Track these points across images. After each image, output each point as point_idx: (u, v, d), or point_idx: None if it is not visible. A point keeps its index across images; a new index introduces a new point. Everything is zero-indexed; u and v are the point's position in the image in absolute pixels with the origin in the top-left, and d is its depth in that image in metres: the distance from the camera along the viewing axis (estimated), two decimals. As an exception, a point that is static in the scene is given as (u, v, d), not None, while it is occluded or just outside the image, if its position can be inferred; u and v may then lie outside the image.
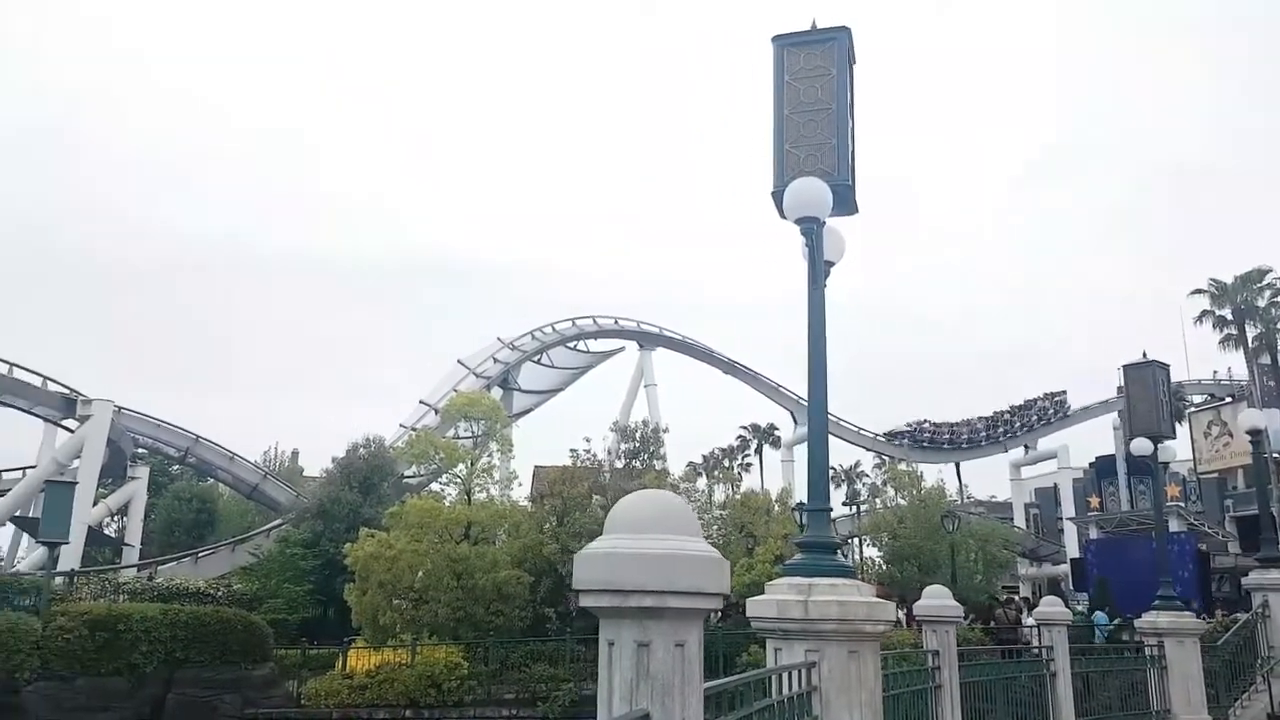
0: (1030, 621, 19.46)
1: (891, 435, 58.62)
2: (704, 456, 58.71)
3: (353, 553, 23.52)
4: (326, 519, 30.21)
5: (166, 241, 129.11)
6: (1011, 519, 52.97)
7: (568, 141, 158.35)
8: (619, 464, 29.37)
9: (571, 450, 28.55)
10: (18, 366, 34.08)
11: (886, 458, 53.67)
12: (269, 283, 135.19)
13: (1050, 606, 13.36)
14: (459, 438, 31.26)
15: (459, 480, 27.71)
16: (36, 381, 34.66)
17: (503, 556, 24.43)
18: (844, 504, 49.18)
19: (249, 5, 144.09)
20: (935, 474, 42.53)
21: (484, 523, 25.41)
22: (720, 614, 22.65)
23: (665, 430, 31.38)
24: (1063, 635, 12.73)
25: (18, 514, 36.88)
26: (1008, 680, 11.69)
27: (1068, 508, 49.77)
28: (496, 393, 41.62)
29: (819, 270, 6.95)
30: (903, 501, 35.20)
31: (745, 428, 65.67)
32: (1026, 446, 58.21)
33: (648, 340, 53.57)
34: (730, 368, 56.04)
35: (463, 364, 43.37)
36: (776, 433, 63.08)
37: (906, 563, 31.69)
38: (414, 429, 37.87)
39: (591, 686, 21.43)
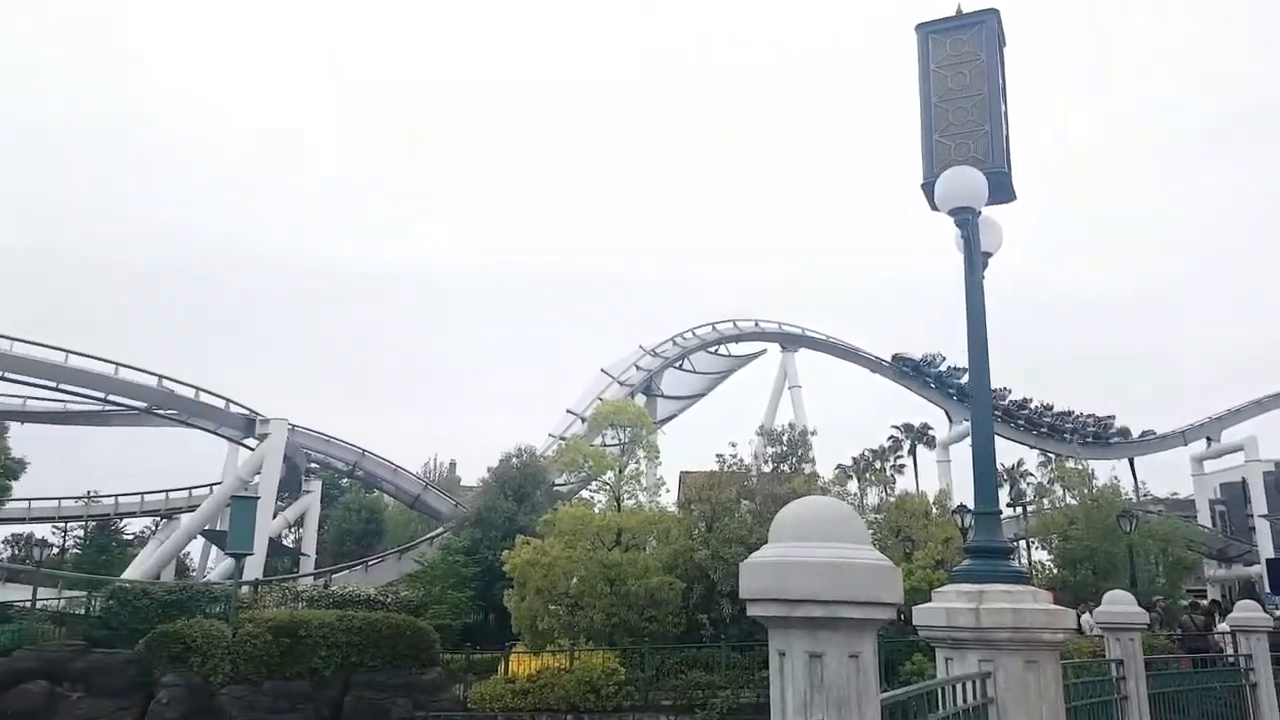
0: (1223, 627, 18.03)
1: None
2: (854, 458, 57.47)
3: (510, 559, 24.17)
4: (484, 527, 31.20)
5: (335, 268, 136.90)
6: (1195, 517, 49.32)
7: (698, 144, 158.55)
8: (766, 468, 29.08)
9: (717, 455, 28.49)
10: (203, 391, 36.85)
11: (1053, 455, 51.02)
12: (424, 303, 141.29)
13: (1247, 611, 12.36)
14: (606, 445, 31.71)
15: (608, 487, 28.09)
16: (220, 404, 37.34)
17: (654, 563, 24.56)
18: (1008, 504, 47.06)
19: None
20: (1107, 471, 40.06)
21: (634, 529, 25.63)
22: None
23: (813, 433, 30.87)
24: (1263, 642, 11.73)
25: (207, 528, 39.85)
26: (1202, 691, 10.87)
27: (1259, 504, 45.95)
28: (640, 399, 42.04)
29: (976, 263, 6.65)
30: (1073, 501, 33.37)
31: (897, 427, 63.78)
32: (1209, 439, 54.09)
33: (790, 341, 52.92)
34: (877, 366, 54.67)
35: (606, 372, 44.01)
36: (931, 432, 61.03)
37: (1080, 566, 30.01)
38: (562, 438, 38.69)
39: (748, 694, 21.29)
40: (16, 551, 53.65)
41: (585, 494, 30.55)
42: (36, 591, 25.66)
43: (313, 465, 44.61)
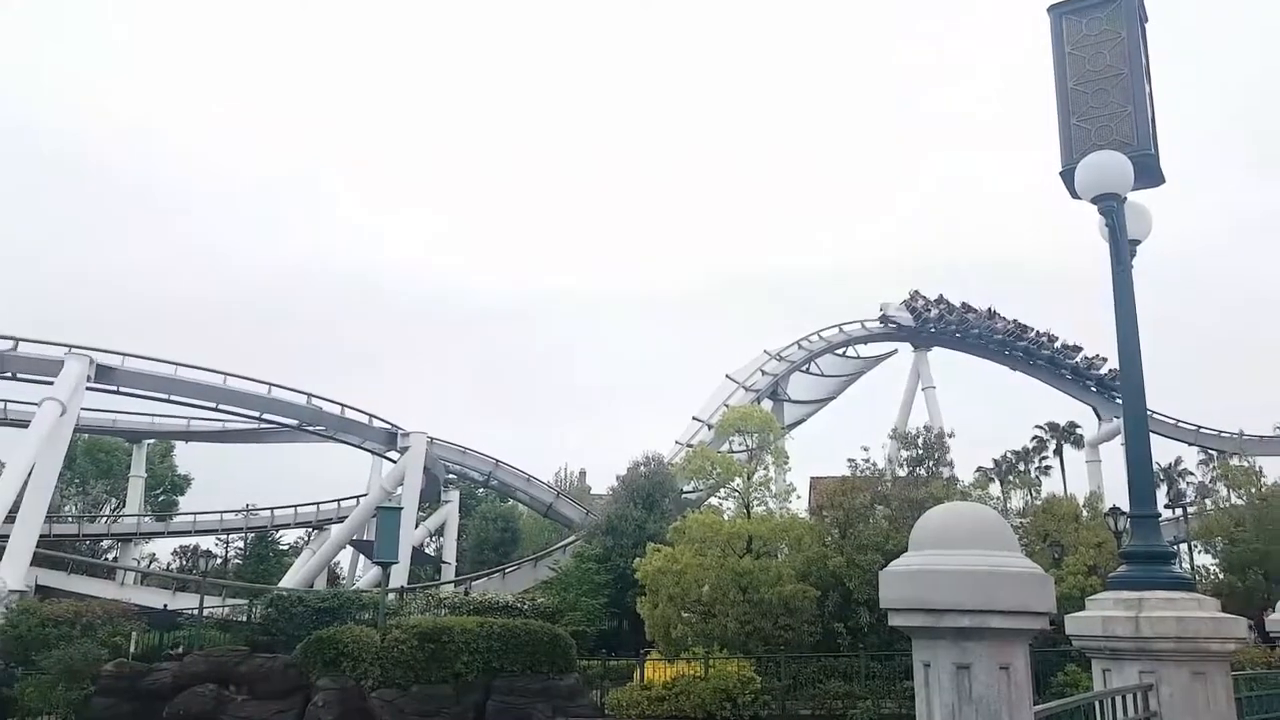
0: None
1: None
2: (995, 460, 55.24)
3: (641, 567, 24.36)
4: (615, 535, 31.55)
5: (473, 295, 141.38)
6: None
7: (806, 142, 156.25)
8: (901, 472, 28.30)
9: (849, 460, 27.91)
10: (348, 407, 38.67)
11: (1215, 452, 47.78)
12: (549, 318, 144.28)
13: None
14: (733, 451, 31.57)
15: (737, 494, 27.95)
16: (364, 419, 39.10)
17: (786, 570, 24.27)
18: (1166, 506, 44.27)
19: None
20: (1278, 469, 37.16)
21: (765, 536, 25.40)
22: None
23: (950, 435, 29.86)
24: None
25: (355, 537, 41.74)
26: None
27: None
28: (767, 405, 41.67)
29: (1123, 250, 6.30)
30: (1239, 501, 31.12)
31: (1041, 427, 60.90)
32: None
33: (921, 340, 51.44)
34: (1017, 362, 52.51)
35: (731, 378, 43.82)
36: (1078, 430, 58.13)
37: (1249, 571, 27.94)
38: (689, 445, 38.74)
39: (889, 704, 20.73)
40: (185, 562, 57.50)
41: (714, 501, 30.48)
42: (204, 599, 27.44)
43: (450, 476, 46.11)
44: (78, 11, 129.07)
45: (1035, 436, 60.97)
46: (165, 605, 27.95)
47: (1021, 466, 56.25)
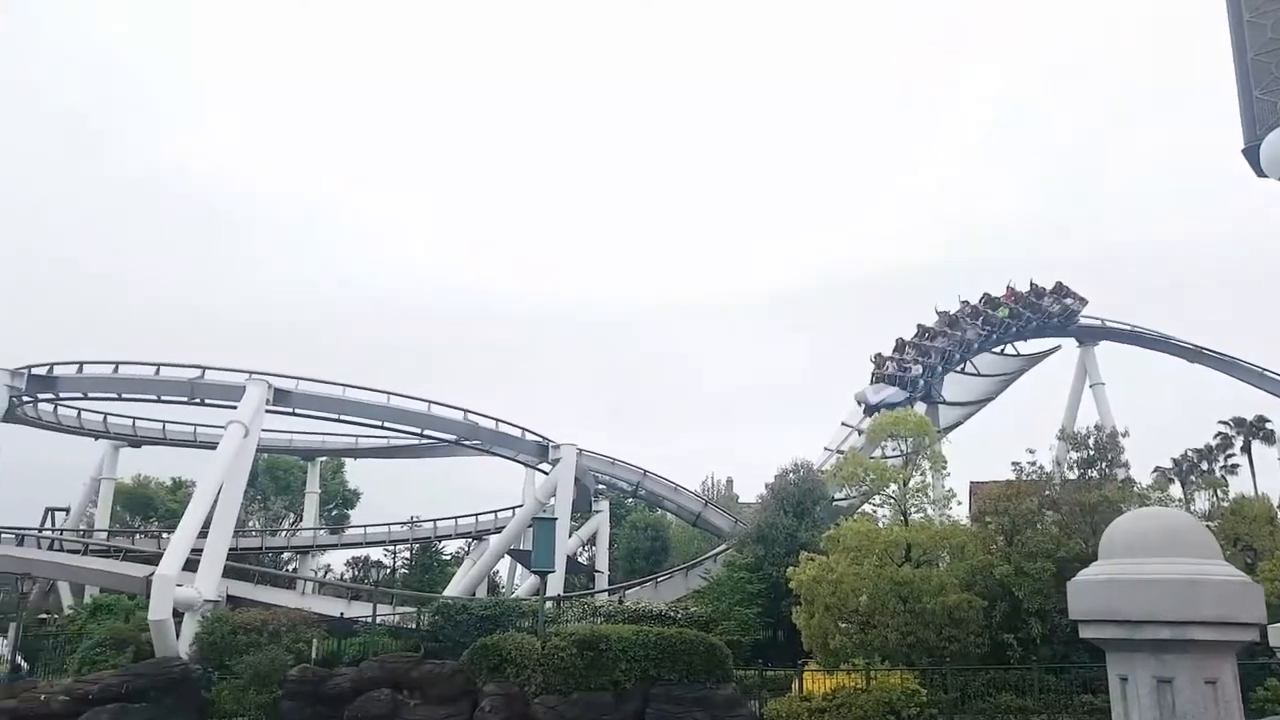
0: None
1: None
2: (1174, 460, 51.74)
3: (795, 576, 24.02)
4: (766, 543, 31.24)
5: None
6: None
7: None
8: (1070, 475, 26.83)
9: (1013, 463, 26.70)
10: (502, 422, 39.93)
11: None
12: (664, 327, 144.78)
13: None
14: (886, 456, 30.72)
15: (892, 500, 27.18)
16: (517, 433, 40.29)
17: (949, 579, 23.42)
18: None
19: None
20: None
21: (924, 544, 24.60)
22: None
23: (1124, 434, 28.11)
24: None
25: (513, 547, 42.99)
26: None
27: None
28: (920, 408, 40.36)
29: (1321, 230, 5.78)
30: None
31: (1225, 423, 56.52)
32: None
33: (1087, 335, 48.66)
34: (1196, 355, 48.92)
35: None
36: (1268, 425, 53.65)
37: None
38: (839, 451, 37.99)
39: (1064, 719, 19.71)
40: (357, 572, 60.72)
41: (867, 508, 29.73)
42: (376, 608, 28.86)
43: (600, 486, 46.82)
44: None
45: (1219, 433, 56.61)
46: (341, 613, 29.46)
47: (1205, 465, 52.38)
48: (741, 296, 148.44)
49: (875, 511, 28.64)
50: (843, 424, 42.16)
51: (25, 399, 35.79)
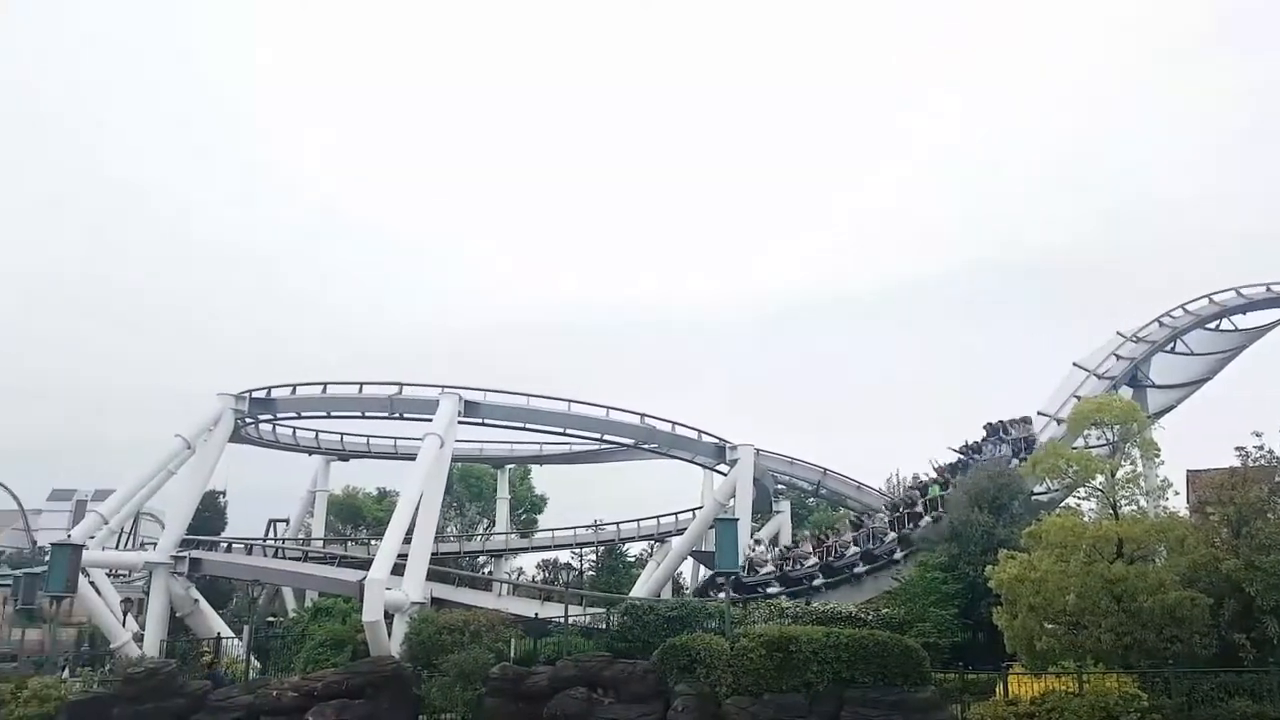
0: None
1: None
2: None
3: (995, 575, 22.89)
4: (960, 541, 29.95)
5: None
6: None
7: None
8: (1309, 458, 24.18)
9: (1237, 449, 24.30)
10: (678, 424, 40.31)
11: None
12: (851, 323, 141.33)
13: None
14: (1089, 447, 28.76)
15: (1099, 493, 25.39)
16: (693, 435, 40.56)
17: (1168, 576, 21.62)
18: None
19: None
20: None
21: (1138, 538, 22.82)
22: None
23: (1372, 411, 25.11)
24: None
25: (695, 549, 43.25)
26: None
27: None
28: (1125, 393, 37.59)
29: None
30: None
31: None
32: None
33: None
34: None
35: (1079, 366, 40.02)
36: None
37: None
38: (1036, 442, 35.86)
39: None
40: (547, 574, 62.83)
41: (1070, 502, 27.93)
42: (567, 608, 29.71)
43: (780, 486, 46.42)
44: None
45: None
46: (535, 614, 30.53)
47: None
48: (883, 290, 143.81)
49: (1080, 505, 26.85)
50: (1038, 413, 39.84)
51: (248, 420, 39.25)
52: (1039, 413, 39.35)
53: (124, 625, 35.28)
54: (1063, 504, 28.54)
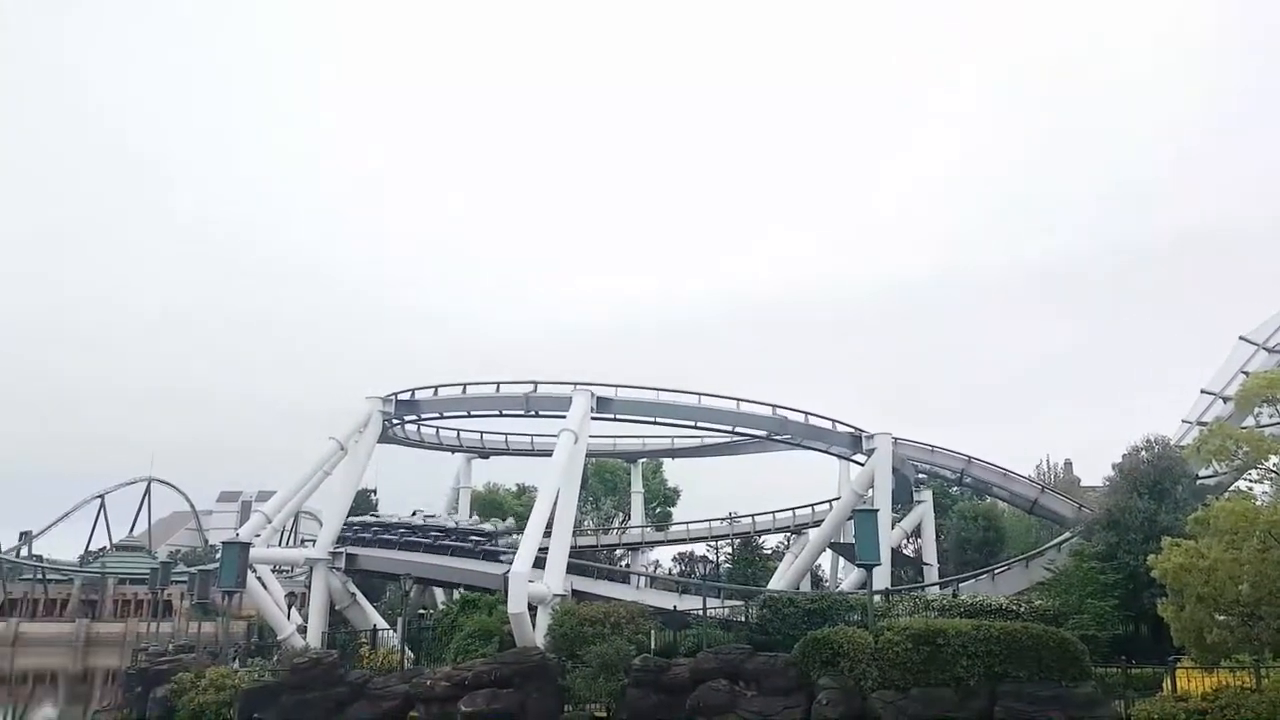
0: None
1: None
2: None
3: (1158, 565, 21.59)
4: (1118, 529, 28.44)
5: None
6: None
7: None
8: None
9: None
10: (812, 415, 39.64)
11: None
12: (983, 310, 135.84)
13: None
14: (1260, 426, 26.71)
15: (1273, 475, 23.54)
16: (828, 425, 39.82)
17: (1354, 562, 19.90)
18: None
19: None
20: None
21: (1318, 523, 21.09)
22: None
23: None
24: None
25: (834, 541, 42.53)
26: None
27: None
28: (1303, 364, 34.70)
29: None
30: None
31: None
32: None
33: None
34: None
35: (1247, 340, 37.20)
36: None
37: None
38: (1201, 423, 33.62)
39: None
40: (683, 567, 63.13)
41: (1241, 485, 26.02)
42: (705, 601, 29.76)
43: (920, 476, 45.07)
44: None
45: None
46: (674, 606, 30.72)
47: None
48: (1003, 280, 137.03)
49: (1251, 489, 25.00)
50: (1203, 391, 37.26)
51: (395, 421, 40.97)
52: (1203, 390, 36.85)
53: (289, 618, 37.27)
54: (1232, 488, 26.66)
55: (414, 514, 42.79)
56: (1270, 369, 31.41)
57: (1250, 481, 25.03)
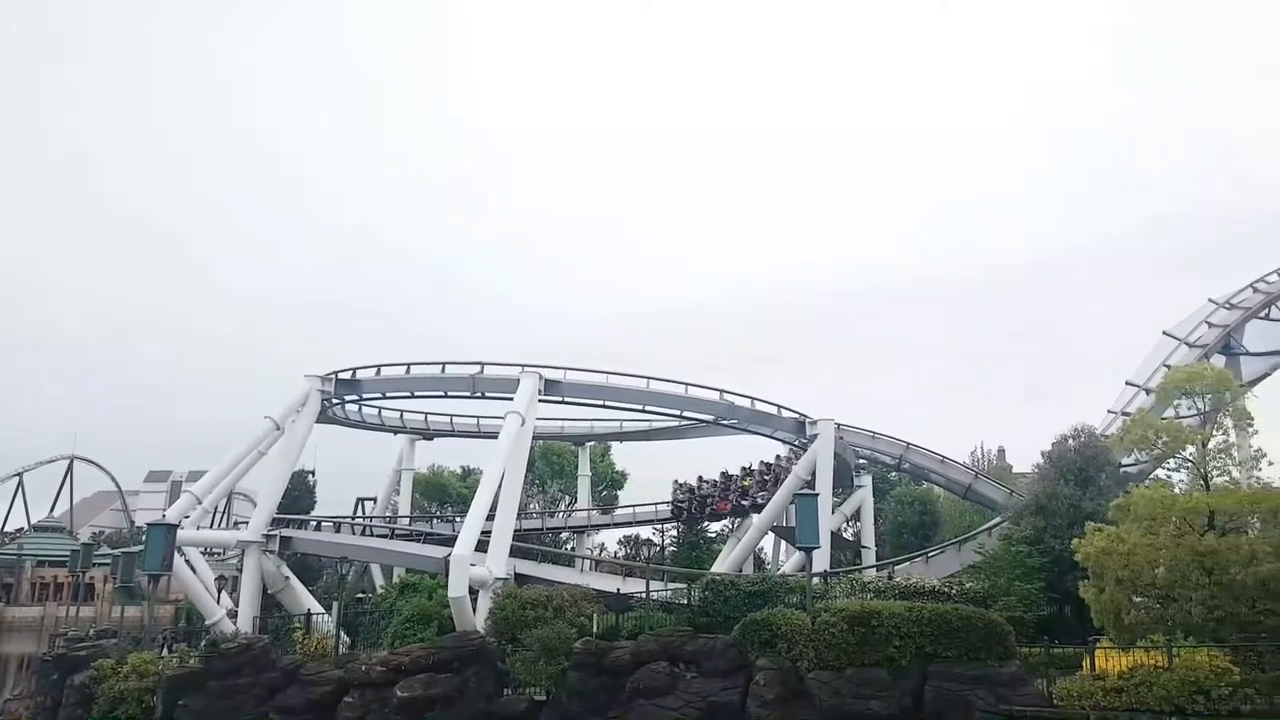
0: None
1: None
2: None
3: (1081, 549, 22.55)
4: (1046, 515, 29.51)
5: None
6: None
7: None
8: None
9: (1337, 416, 23.42)
10: (758, 400, 40.21)
11: None
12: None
13: None
14: (1180, 417, 27.91)
15: (1190, 464, 24.69)
16: (773, 410, 40.42)
17: (1261, 547, 20.99)
18: None
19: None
20: None
21: (1230, 510, 22.23)
22: None
23: None
24: None
25: (776, 524, 43.26)
26: None
27: None
28: (1218, 361, 36.24)
29: None
30: None
31: None
32: None
33: None
34: None
35: (1170, 335, 38.77)
36: None
37: None
38: (1124, 413, 34.97)
39: None
40: (629, 550, 63.56)
41: (1160, 474, 27.22)
42: (649, 584, 30.11)
43: (861, 461, 46.03)
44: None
45: None
46: (617, 589, 30.98)
47: None
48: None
49: (1170, 477, 26.19)
50: (1127, 383, 38.69)
51: (334, 401, 40.49)
52: (1127, 382, 38.28)
53: (219, 602, 36.52)
54: (1152, 476, 27.86)
55: (358, 503, 42.20)
56: (1190, 363, 32.80)
57: (1168, 470, 26.24)
